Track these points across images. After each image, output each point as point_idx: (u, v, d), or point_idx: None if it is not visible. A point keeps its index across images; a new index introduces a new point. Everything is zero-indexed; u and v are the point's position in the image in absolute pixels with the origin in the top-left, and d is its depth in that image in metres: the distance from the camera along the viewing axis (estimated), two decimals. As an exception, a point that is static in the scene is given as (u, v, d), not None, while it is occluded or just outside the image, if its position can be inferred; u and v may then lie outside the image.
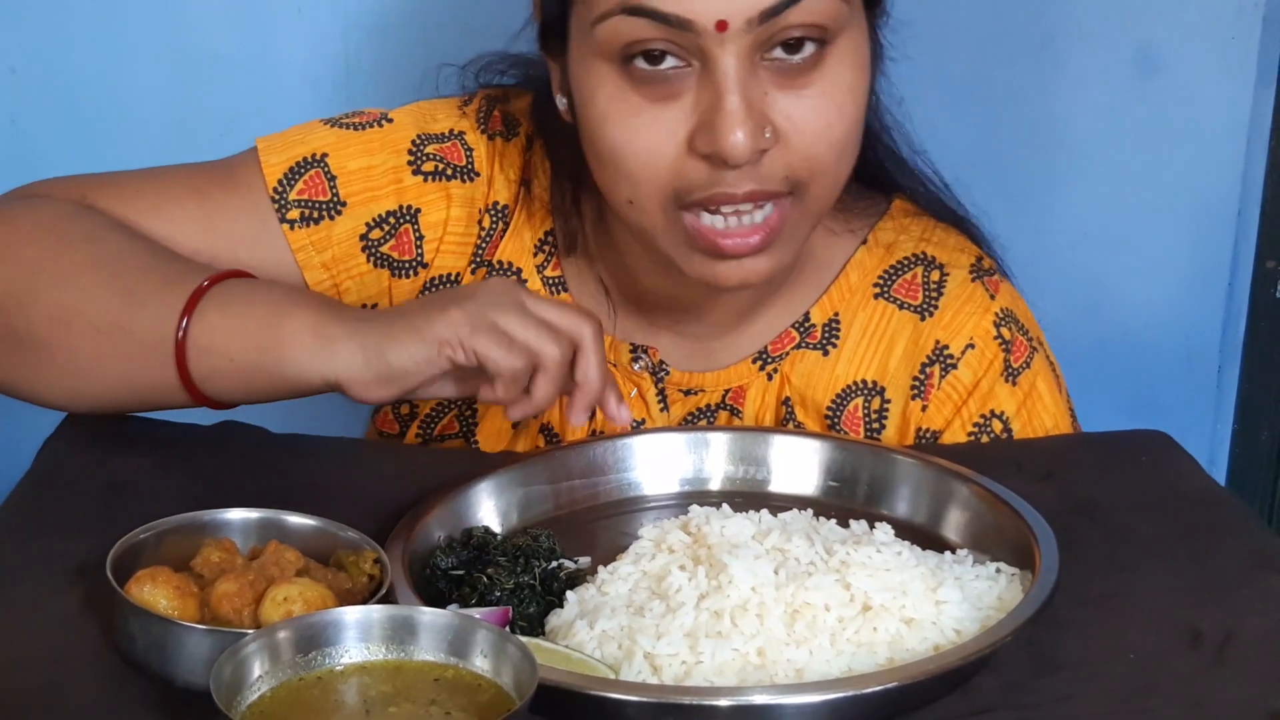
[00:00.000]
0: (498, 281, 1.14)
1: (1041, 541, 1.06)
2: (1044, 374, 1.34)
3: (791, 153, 1.15)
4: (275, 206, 1.30)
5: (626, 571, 1.05)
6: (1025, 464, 1.24)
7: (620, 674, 0.96)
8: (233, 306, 1.15)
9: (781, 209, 1.17)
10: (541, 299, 1.13)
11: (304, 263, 1.30)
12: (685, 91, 1.14)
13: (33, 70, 1.77)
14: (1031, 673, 0.98)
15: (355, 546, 1.04)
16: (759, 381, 1.33)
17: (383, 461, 1.12)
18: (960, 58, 1.79)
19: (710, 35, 1.11)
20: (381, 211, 1.31)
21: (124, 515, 1.05)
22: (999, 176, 1.79)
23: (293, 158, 1.31)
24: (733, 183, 1.15)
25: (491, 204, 1.34)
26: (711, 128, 1.13)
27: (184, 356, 1.15)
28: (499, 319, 1.10)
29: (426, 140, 1.33)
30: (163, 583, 0.97)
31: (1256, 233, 1.90)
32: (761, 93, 1.14)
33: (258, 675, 0.89)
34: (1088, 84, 1.83)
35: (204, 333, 1.14)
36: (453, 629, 0.92)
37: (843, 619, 0.99)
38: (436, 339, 1.09)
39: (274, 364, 1.13)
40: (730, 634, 0.98)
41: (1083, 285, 1.88)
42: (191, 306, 1.15)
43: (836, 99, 1.16)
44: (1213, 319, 1.93)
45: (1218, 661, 1.00)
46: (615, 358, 1.33)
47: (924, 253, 1.35)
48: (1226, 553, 1.13)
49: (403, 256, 1.32)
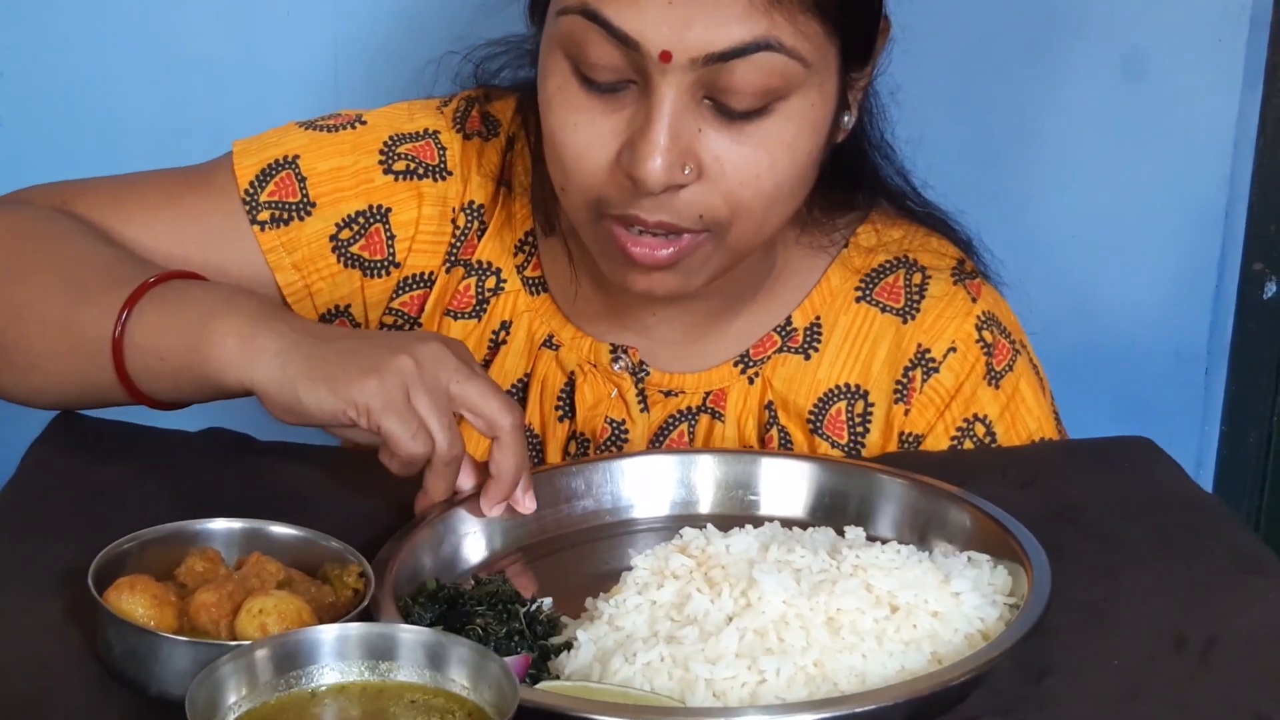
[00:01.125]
0: (438, 347, 1.11)
1: (1033, 558, 1.06)
2: (1027, 377, 1.34)
3: (713, 193, 1.16)
4: (246, 209, 1.30)
5: (635, 603, 1.02)
6: (1009, 471, 1.24)
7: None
8: (170, 305, 1.16)
9: (695, 240, 1.17)
10: (475, 378, 1.11)
11: (275, 264, 1.31)
12: (625, 106, 1.15)
13: (22, 72, 1.77)
14: (1018, 680, 0.98)
15: (340, 558, 1.04)
16: (740, 385, 1.33)
17: (371, 471, 1.12)
18: (948, 59, 1.79)
19: (654, 61, 1.12)
20: (351, 212, 1.32)
21: (110, 521, 1.05)
22: (986, 178, 1.79)
23: (265, 160, 1.31)
24: (647, 209, 1.15)
25: (467, 203, 1.34)
26: (634, 150, 1.13)
27: (120, 353, 1.16)
28: (416, 397, 1.08)
29: (399, 140, 1.33)
30: (140, 591, 0.96)
31: (1244, 234, 1.90)
32: (695, 128, 1.14)
33: (233, 700, 0.88)
34: (1075, 86, 1.83)
35: (140, 331, 1.15)
36: (432, 646, 0.91)
37: (878, 620, 0.99)
38: (348, 400, 1.07)
39: (199, 364, 1.13)
40: (780, 649, 0.97)
41: (1070, 287, 1.88)
42: (132, 304, 1.16)
43: (771, 153, 1.16)
44: (1200, 321, 1.93)
45: (1203, 665, 1.00)
46: (595, 357, 1.33)
47: (905, 256, 1.35)
48: (1211, 557, 1.13)
49: (374, 256, 1.33)
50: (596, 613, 1.03)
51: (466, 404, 1.10)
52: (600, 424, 1.32)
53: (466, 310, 1.35)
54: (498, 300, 1.35)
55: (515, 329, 1.34)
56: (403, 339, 1.13)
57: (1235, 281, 1.92)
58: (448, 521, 1.12)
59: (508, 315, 1.34)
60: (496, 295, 1.34)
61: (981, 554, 1.08)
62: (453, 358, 1.11)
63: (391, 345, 1.10)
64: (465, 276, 1.34)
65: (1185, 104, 1.84)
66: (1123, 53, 1.82)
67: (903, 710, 0.93)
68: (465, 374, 1.11)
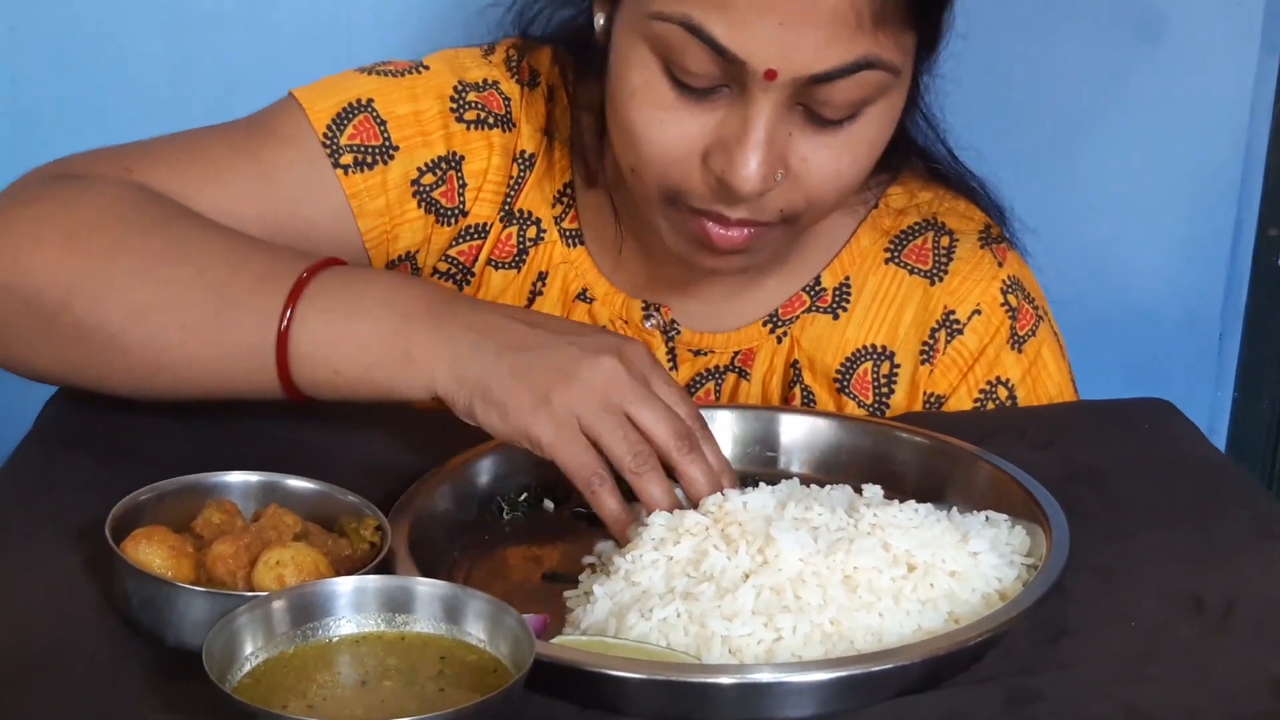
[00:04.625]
0: (612, 365, 1.07)
1: (1051, 518, 1.06)
2: (1049, 343, 1.34)
3: (795, 191, 1.16)
4: (327, 152, 1.27)
5: (651, 558, 1.02)
6: (1028, 432, 1.24)
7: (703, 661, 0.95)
8: (337, 312, 1.11)
9: (771, 227, 1.18)
10: (648, 401, 1.07)
11: (358, 210, 1.28)
12: (717, 107, 1.14)
13: (32, 27, 1.75)
14: (1033, 641, 0.98)
15: (356, 512, 1.03)
16: (768, 344, 1.33)
17: (391, 426, 1.12)
18: (961, 23, 1.77)
19: (756, 78, 1.10)
20: (434, 156, 1.30)
21: (127, 475, 1.05)
22: (999, 144, 1.75)
23: (338, 103, 1.28)
24: (729, 208, 1.15)
25: (520, 152, 1.33)
26: (729, 155, 1.12)
27: (285, 362, 1.12)
28: (589, 424, 1.06)
29: (467, 88, 1.31)
30: (158, 542, 0.96)
31: (1259, 200, 1.89)
32: (786, 134, 1.14)
33: (250, 650, 0.88)
34: (1089, 47, 1.81)
35: (306, 340, 1.11)
36: (449, 599, 0.91)
37: (895, 579, 0.99)
38: (520, 433, 1.06)
39: (381, 380, 1.11)
40: (797, 607, 0.97)
41: (1083, 252, 1.86)
42: (291, 306, 1.11)
43: (856, 152, 1.16)
44: (1214, 286, 1.92)
45: (1220, 629, 1.00)
46: (627, 314, 1.33)
47: (934, 218, 1.35)
48: (1229, 520, 1.13)
49: (449, 204, 1.31)
50: (613, 567, 1.03)
51: (641, 429, 1.08)
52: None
53: (507, 260, 1.34)
54: (537, 250, 1.34)
55: (551, 281, 1.34)
56: (577, 354, 1.08)
57: (1250, 247, 1.91)
58: (465, 474, 1.12)
59: (545, 266, 1.34)
60: (536, 245, 1.34)
61: (1000, 513, 1.08)
62: (625, 377, 1.08)
63: (565, 367, 1.07)
64: (507, 225, 1.34)
65: (1201, 67, 1.82)
66: (1138, 15, 1.80)
67: (919, 669, 0.93)
68: (639, 396, 1.08)
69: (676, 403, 1.10)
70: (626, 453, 1.06)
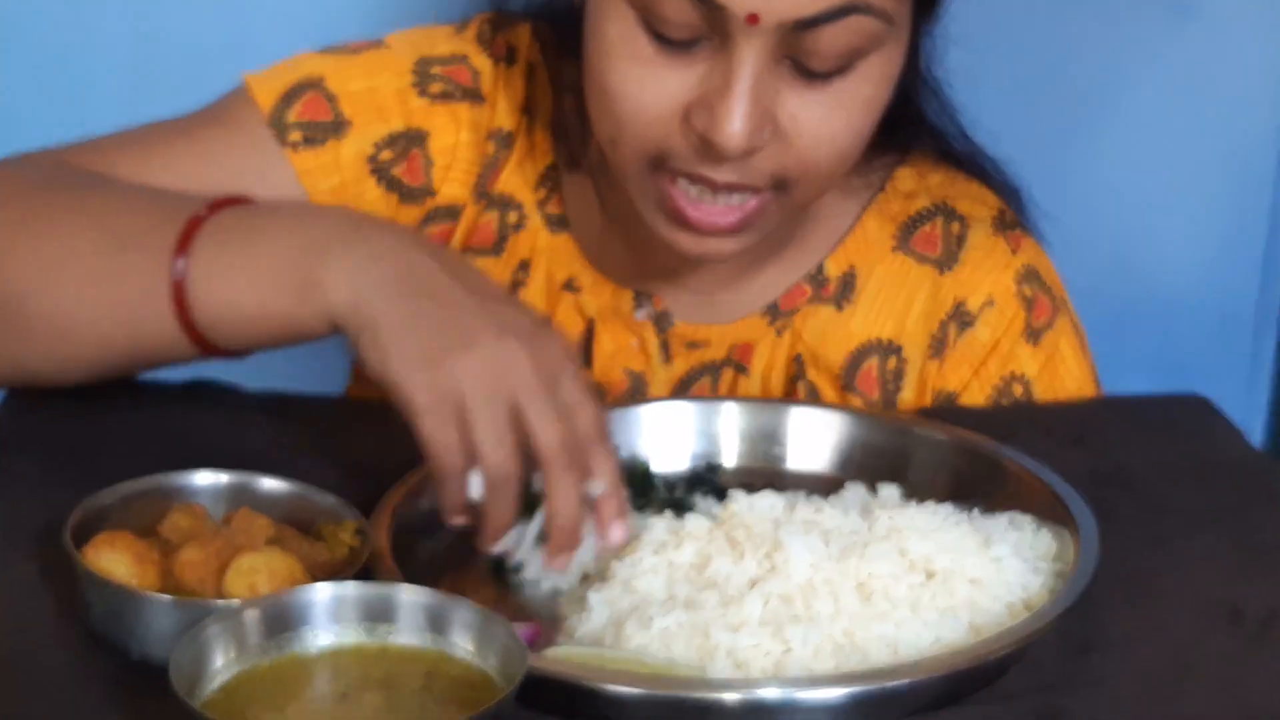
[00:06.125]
0: (515, 348, 1.00)
1: (1080, 521, 1.03)
2: (1068, 335, 1.31)
3: (786, 153, 1.13)
4: (273, 132, 1.25)
5: (652, 564, 1.00)
6: (1054, 429, 1.22)
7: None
8: (234, 241, 1.09)
9: (762, 200, 1.15)
10: (537, 398, 1.00)
11: (310, 188, 1.25)
12: (698, 60, 1.11)
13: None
14: (1060, 654, 0.96)
15: (335, 514, 1.01)
16: (768, 338, 1.30)
17: (367, 423, 1.10)
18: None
19: (738, 23, 1.08)
20: (390, 132, 1.27)
21: (89, 476, 1.02)
22: (1020, 124, 1.73)
23: (286, 83, 1.27)
24: (715, 169, 1.12)
25: (496, 129, 1.31)
26: (711, 110, 1.10)
27: (184, 300, 1.09)
28: (472, 409, 0.98)
29: (430, 62, 1.29)
30: (122, 548, 0.94)
31: (1297, 185, 1.87)
32: (774, 89, 1.11)
33: (220, 664, 0.86)
34: (1118, 24, 1.78)
35: (203, 274, 1.08)
36: (434, 608, 0.89)
37: (912, 587, 0.97)
38: (396, 386, 1.00)
39: (282, 311, 1.06)
40: (808, 617, 0.95)
41: (1106, 240, 1.83)
42: (187, 240, 1.09)
43: (849, 110, 1.13)
44: (1248, 279, 1.89)
45: (1260, 642, 0.98)
46: (616, 304, 1.30)
47: (945, 202, 1.32)
48: (1271, 526, 1.11)
49: (413, 183, 1.29)
50: (609, 573, 1.01)
51: (526, 428, 1.00)
52: (619, 374, 1.29)
53: (487, 247, 1.31)
54: (518, 237, 1.31)
55: (534, 269, 1.31)
56: (486, 324, 1.01)
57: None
58: None
59: (527, 254, 1.31)
60: (517, 232, 1.31)
61: (1024, 516, 1.06)
62: (528, 365, 1.00)
63: (467, 333, 1.00)
64: (487, 209, 1.31)
65: (1236, 47, 1.79)
66: (1171, -12, 1.80)
67: (938, 685, 0.90)
68: (535, 391, 1.00)
69: (576, 410, 1.01)
70: (491, 453, 0.99)
